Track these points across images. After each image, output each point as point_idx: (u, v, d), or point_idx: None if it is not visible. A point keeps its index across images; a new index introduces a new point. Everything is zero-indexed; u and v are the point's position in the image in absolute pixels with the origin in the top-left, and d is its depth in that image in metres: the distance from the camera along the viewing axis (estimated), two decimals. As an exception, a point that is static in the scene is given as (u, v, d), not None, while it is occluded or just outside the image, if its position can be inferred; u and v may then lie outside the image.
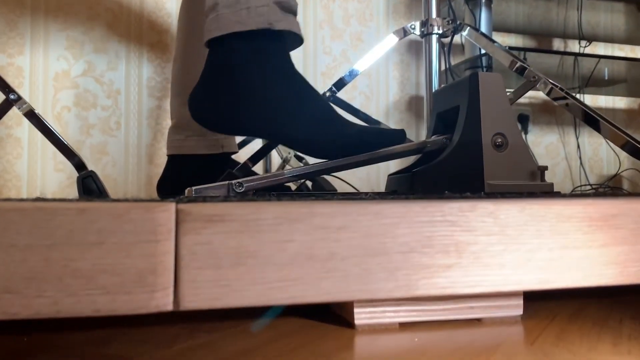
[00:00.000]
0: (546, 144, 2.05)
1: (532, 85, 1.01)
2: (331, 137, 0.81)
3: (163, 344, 0.47)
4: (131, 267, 0.37)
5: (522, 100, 1.99)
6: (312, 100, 0.82)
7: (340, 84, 1.40)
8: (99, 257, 0.37)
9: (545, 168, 0.86)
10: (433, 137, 0.88)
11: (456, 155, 0.83)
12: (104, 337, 0.50)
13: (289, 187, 1.24)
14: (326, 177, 1.33)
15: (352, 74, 1.42)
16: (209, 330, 0.52)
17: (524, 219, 0.46)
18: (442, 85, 1.24)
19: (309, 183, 1.32)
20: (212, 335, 0.50)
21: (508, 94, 0.89)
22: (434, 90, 1.38)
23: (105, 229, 0.37)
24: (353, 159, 0.82)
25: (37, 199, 0.44)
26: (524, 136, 1.92)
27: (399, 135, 0.84)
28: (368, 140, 0.81)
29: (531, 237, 0.46)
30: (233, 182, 0.81)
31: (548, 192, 0.82)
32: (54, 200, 0.43)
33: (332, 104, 1.42)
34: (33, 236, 0.36)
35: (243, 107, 0.80)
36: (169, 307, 0.39)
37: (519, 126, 1.93)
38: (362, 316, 0.51)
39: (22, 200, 0.44)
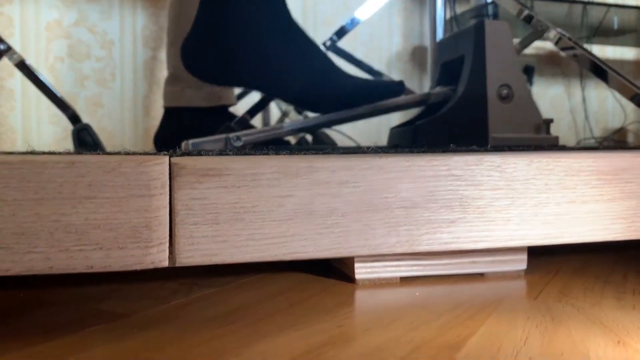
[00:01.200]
0: (551, 97, 2.01)
1: (539, 35, 0.98)
2: (327, 89, 0.79)
3: (160, 299, 0.47)
4: (124, 222, 0.36)
5: (527, 51, 1.94)
6: (308, 50, 0.79)
7: (340, 32, 1.36)
8: (90, 211, 0.35)
9: (551, 121, 0.84)
10: (437, 88, 0.86)
11: (460, 107, 0.81)
12: (99, 294, 0.49)
13: (288, 142, 1.22)
14: (326, 131, 1.31)
15: (354, 23, 1.37)
16: (207, 285, 0.51)
17: (531, 173, 0.45)
18: (447, 35, 1.20)
19: (308, 137, 1.30)
20: (211, 290, 0.49)
21: (514, 43, 0.86)
22: (438, 40, 1.34)
23: (97, 183, 0.35)
24: (354, 112, 0.80)
25: (26, 152, 0.42)
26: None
27: (397, 87, 0.82)
28: (365, 93, 0.79)
29: (538, 192, 0.45)
30: (231, 135, 0.79)
31: (554, 146, 0.80)
32: (43, 153, 0.41)
33: (332, 54, 1.38)
34: (22, 190, 0.35)
35: (236, 56, 0.77)
36: (165, 263, 0.37)
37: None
38: (362, 271, 0.50)
39: (10, 153, 0.42)
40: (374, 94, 0.80)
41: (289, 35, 0.78)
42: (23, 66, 1.10)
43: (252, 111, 1.14)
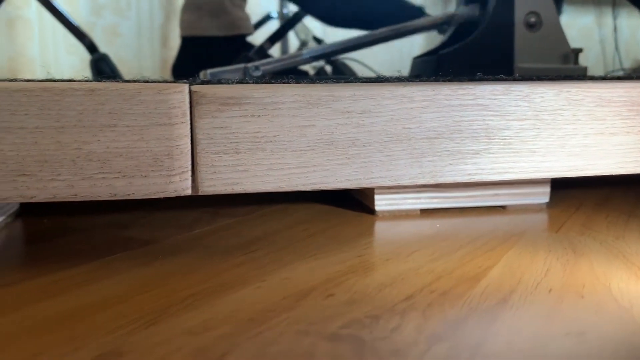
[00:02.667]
0: (580, 26, 1.93)
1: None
2: (349, 2, 0.77)
3: (184, 227, 0.47)
4: (146, 151, 0.36)
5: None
6: None
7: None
8: (112, 140, 0.35)
9: (580, 50, 0.81)
10: (461, 7, 0.82)
11: (485, 36, 0.78)
12: (124, 221, 0.50)
13: (307, 73, 1.20)
14: (346, 61, 1.27)
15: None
16: (229, 215, 0.52)
17: (560, 103, 0.43)
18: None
19: (328, 68, 1.27)
20: (233, 219, 0.50)
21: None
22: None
23: (117, 111, 0.35)
24: (374, 35, 0.78)
25: (45, 80, 0.42)
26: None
27: (417, 11, 0.80)
28: (387, 11, 0.77)
29: (566, 123, 0.44)
30: (249, 65, 0.77)
31: (582, 76, 0.77)
32: (61, 81, 0.41)
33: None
34: (42, 118, 0.35)
35: None
36: (188, 191, 0.38)
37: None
38: (382, 202, 0.50)
39: (29, 80, 0.42)
40: (395, 11, 0.79)
41: None
42: (37, -7, 1.08)
43: (271, 40, 1.12)
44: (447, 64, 0.77)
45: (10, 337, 0.28)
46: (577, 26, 1.93)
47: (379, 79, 0.51)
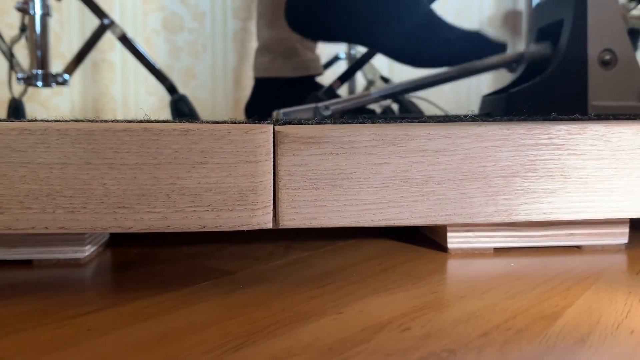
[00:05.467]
0: (656, 62, 1.87)
1: (648, -5, 0.91)
2: (430, 42, 0.78)
3: (261, 259, 0.50)
4: (233, 186, 0.38)
5: (633, 12, 1.80)
6: (411, 3, 0.79)
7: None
8: (203, 176, 0.38)
9: (658, 88, 0.79)
10: (531, 46, 0.83)
11: (558, 74, 0.77)
12: (205, 253, 0.53)
13: (373, 111, 1.22)
14: (413, 99, 1.29)
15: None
16: (302, 249, 0.53)
17: (638, 142, 0.43)
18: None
19: (394, 107, 1.29)
20: (306, 253, 0.52)
21: (619, 4, 0.80)
22: (534, 3, 1.28)
23: (209, 149, 0.38)
24: (443, 75, 0.79)
25: (142, 121, 0.45)
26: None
27: (500, 47, 0.81)
28: (468, 49, 0.79)
29: (645, 162, 0.43)
30: (319, 104, 0.80)
31: (660, 114, 0.75)
32: (158, 121, 0.45)
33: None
34: (141, 155, 0.38)
35: (339, 10, 0.78)
36: (270, 224, 0.40)
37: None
38: (455, 240, 0.50)
39: (129, 121, 0.46)
40: (478, 49, 0.80)
41: None
42: (125, 39, 1.17)
43: (340, 80, 1.15)
44: (519, 102, 0.77)
45: (111, 356, 0.30)
46: (653, 62, 1.87)
47: (452, 118, 0.53)
